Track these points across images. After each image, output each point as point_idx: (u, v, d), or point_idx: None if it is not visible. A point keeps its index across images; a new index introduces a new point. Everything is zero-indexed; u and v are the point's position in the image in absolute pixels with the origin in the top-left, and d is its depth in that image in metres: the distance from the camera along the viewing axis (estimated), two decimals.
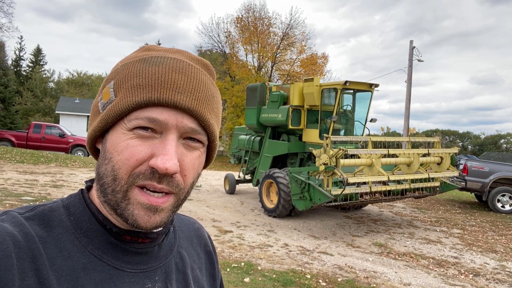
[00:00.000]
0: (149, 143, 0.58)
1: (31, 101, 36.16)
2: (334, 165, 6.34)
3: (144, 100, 0.57)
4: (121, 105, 0.58)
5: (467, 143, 47.53)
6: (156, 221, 0.59)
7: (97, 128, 0.61)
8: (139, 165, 0.57)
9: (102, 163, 0.61)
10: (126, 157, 0.57)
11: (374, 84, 8.57)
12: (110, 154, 0.59)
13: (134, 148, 0.57)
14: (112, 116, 0.59)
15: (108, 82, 0.63)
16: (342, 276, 4.97)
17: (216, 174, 16.00)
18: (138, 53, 0.66)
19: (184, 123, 0.59)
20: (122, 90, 0.59)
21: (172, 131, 0.58)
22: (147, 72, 0.59)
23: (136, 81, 0.58)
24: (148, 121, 0.57)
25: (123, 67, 0.62)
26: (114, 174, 0.58)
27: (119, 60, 0.67)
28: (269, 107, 9.57)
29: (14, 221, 0.56)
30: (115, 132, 0.60)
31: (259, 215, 8.34)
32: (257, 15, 27.90)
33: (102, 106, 0.62)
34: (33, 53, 43.19)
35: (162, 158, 0.56)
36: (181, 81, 0.59)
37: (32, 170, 11.81)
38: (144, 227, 0.59)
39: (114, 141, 0.59)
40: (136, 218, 0.58)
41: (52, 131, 18.66)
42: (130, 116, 0.58)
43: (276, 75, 29.29)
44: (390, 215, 9.24)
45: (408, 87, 20.67)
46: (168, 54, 0.63)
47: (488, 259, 6.16)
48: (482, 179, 10.36)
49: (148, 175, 0.57)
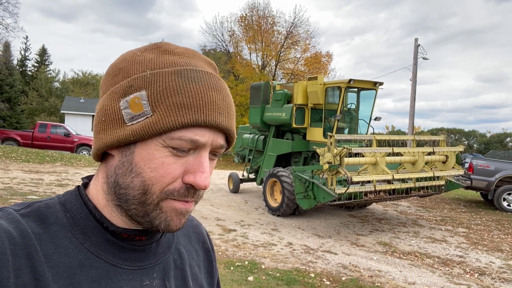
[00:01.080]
0: (183, 160, 0.59)
1: (37, 101, 36.40)
2: (338, 163, 6.31)
3: (192, 122, 0.56)
4: (164, 124, 0.56)
5: (473, 142, 47.23)
6: (183, 223, 0.63)
7: (124, 140, 0.58)
8: (173, 182, 0.58)
9: (125, 174, 0.59)
10: (162, 175, 0.58)
11: (378, 82, 8.53)
12: (140, 169, 0.58)
13: (170, 166, 0.58)
14: (150, 133, 0.56)
15: (135, 91, 0.58)
16: (346, 275, 4.95)
17: (220, 173, 16.01)
18: (158, 55, 0.61)
19: (217, 141, 0.61)
20: (162, 106, 0.56)
21: (207, 149, 0.60)
22: (189, 91, 0.57)
23: (179, 100, 0.56)
24: (191, 143, 0.58)
25: (155, 78, 0.58)
26: (145, 189, 0.58)
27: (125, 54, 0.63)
28: (273, 106, 9.55)
29: (9, 218, 0.56)
30: (147, 147, 0.58)
31: (263, 214, 8.34)
32: (261, 14, 27.91)
33: (130, 117, 0.58)
34: (38, 53, 43.54)
35: (201, 176, 0.58)
36: (219, 101, 0.60)
37: (38, 169, 11.89)
38: (175, 230, 0.62)
39: (145, 157, 0.58)
40: (169, 223, 0.60)
41: (57, 130, 18.78)
42: (172, 134, 0.57)
43: (280, 74, 29.26)
44: (394, 214, 9.20)
45: (413, 86, 20.56)
46: (193, 61, 0.62)
47: (493, 258, 6.11)
48: (487, 178, 10.29)
49: (183, 192, 0.59)
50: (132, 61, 0.61)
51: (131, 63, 0.61)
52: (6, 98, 27.67)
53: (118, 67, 0.62)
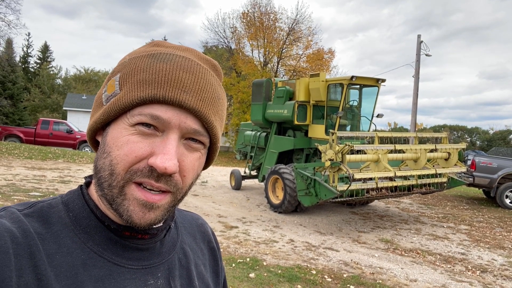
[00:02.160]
0: (149, 141, 0.57)
1: (39, 98, 36.50)
2: (340, 161, 6.31)
3: (149, 96, 0.56)
4: (125, 99, 0.57)
5: (476, 139, 47.09)
6: (150, 218, 0.58)
7: (99, 120, 0.61)
8: (137, 162, 0.57)
9: (100, 157, 0.60)
10: (125, 153, 0.56)
11: (381, 79, 8.49)
12: (109, 148, 0.58)
13: (134, 144, 0.57)
14: (115, 110, 0.58)
15: (114, 75, 0.61)
16: (348, 272, 4.96)
17: (222, 170, 16.03)
18: (147, 47, 0.65)
19: (187, 123, 0.58)
20: (127, 84, 0.58)
21: (174, 131, 0.58)
22: (154, 68, 0.58)
23: (143, 76, 0.57)
24: (151, 118, 0.56)
25: (130, 61, 0.61)
26: (112, 168, 0.57)
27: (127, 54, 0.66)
28: (275, 103, 9.54)
29: (12, 217, 0.56)
30: (117, 126, 0.59)
31: (265, 211, 8.35)
32: (263, 10, 27.81)
33: (105, 99, 0.61)
34: (40, 50, 43.58)
35: (162, 157, 0.55)
36: (188, 80, 0.58)
37: (40, 166, 11.93)
38: (138, 223, 0.58)
39: (114, 135, 0.58)
40: (131, 214, 0.57)
41: (59, 127, 18.83)
42: (134, 111, 0.57)
43: (282, 71, 29.18)
44: (396, 211, 9.20)
45: (415, 82, 20.49)
46: (177, 51, 0.62)
47: (495, 255, 6.10)
48: (490, 175, 10.25)
49: (146, 173, 0.56)
50: (126, 55, 0.65)
51: (124, 56, 0.65)
52: (8, 95, 27.71)
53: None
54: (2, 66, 27.16)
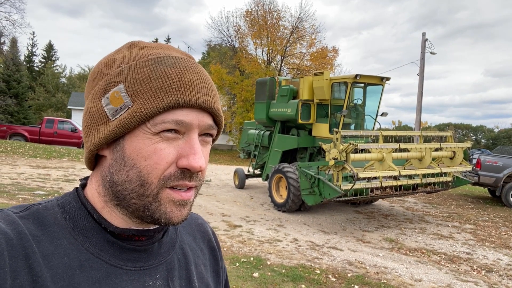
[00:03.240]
0: (174, 145, 0.59)
1: (44, 97, 36.70)
2: (344, 159, 6.28)
3: (172, 103, 0.57)
4: (146, 110, 0.56)
5: (481, 137, 46.82)
6: (185, 214, 0.62)
7: (112, 135, 0.58)
8: (168, 168, 0.58)
9: (119, 170, 0.59)
10: (156, 162, 0.58)
11: (385, 78, 8.44)
12: (133, 160, 0.58)
13: (163, 152, 0.58)
14: (134, 122, 0.57)
15: (113, 86, 0.59)
16: (352, 271, 4.93)
17: (225, 168, 16.04)
18: (131, 51, 0.62)
19: (204, 121, 0.61)
20: (141, 94, 0.57)
21: (195, 131, 0.60)
22: (165, 74, 0.58)
23: (156, 84, 0.57)
24: (175, 124, 0.58)
25: (130, 70, 0.59)
26: (142, 179, 0.58)
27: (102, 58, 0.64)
28: (279, 102, 9.52)
29: (7, 220, 0.56)
30: (136, 137, 0.58)
31: (269, 210, 8.34)
32: (267, 9, 27.73)
33: (112, 112, 0.58)
34: (45, 49, 43.77)
35: (194, 158, 0.58)
36: (198, 81, 0.60)
37: (45, 164, 11.99)
38: (177, 221, 0.61)
39: (137, 147, 0.58)
40: (169, 215, 0.60)
41: (64, 126, 18.92)
42: (155, 120, 0.57)
43: (286, 69, 29.13)
44: (401, 210, 9.15)
45: (420, 80, 20.38)
46: (167, 51, 0.63)
47: (501, 255, 6.05)
48: (495, 174, 10.18)
49: (178, 176, 0.59)
50: (108, 62, 0.63)
51: (107, 63, 0.62)
52: (13, 94, 27.87)
53: (96, 71, 0.63)
54: (7, 65, 27.33)
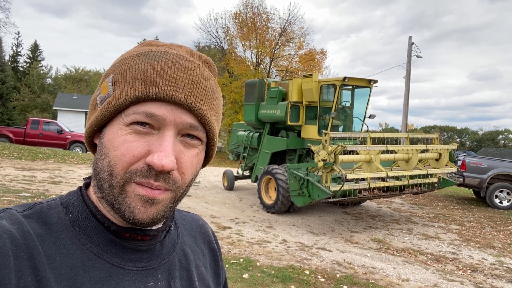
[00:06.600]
0: (146, 139, 0.57)
1: (29, 97, 36.01)
2: (332, 161, 6.33)
3: (142, 95, 0.56)
4: (119, 99, 0.57)
5: (465, 139, 47.66)
6: (152, 213, 0.58)
7: (95, 122, 0.61)
8: (135, 162, 0.57)
9: (99, 158, 0.60)
10: (122, 153, 0.56)
11: (373, 80, 8.55)
12: (107, 150, 0.58)
13: (131, 144, 0.57)
14: (109, 111, 0.58)
15: (107, 76, 0.62)
16: (341, 272, 4.98)
17: (214, 170, 15.99)
18: (139, 47, 0.65)
19: (182, 119, 0.58)
20: (120, 84, 0.58)
21: (170, 127, 0.57)
22: (145, 67, 0.58)
23: (135, 75, 0.57)
24: (145, 116, 0.56)
25: (122, 61, 0.61)
26: (111, 169, 0.57)
27: (119, 55, 0.66)
28: (268, 103, 9.55)
29: (12, 219, 0.56)
30: (112, 127, 0.59)
31: (258, 211, 8.35)
32: (256, 11, 27.81)
33: (100, 100, 0.61)
34: (30, 49, 43.00)
35: (159, 155, 0.55)
36: (180, 76, 0.58)
37: (30, 166, 11.78)
38: (141, 219, 0.58)
39: (111, 136, 0.58)
40: (133, 210, 0.57)
41: (50, 127, 18.60)
42: (128, 110, 0.57)
43: (275, 71, 29.24)
44: (388, 211, 9.26)
45: (406, 83, 20.67)
46: (169, 49, 0.62)
47: (486, 254, 6.18)
48: (480, 175, 10.38)
49: (144, 173, 0.56)
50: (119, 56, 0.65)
51: (117, 58, 0.65)
52: None
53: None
54: None
